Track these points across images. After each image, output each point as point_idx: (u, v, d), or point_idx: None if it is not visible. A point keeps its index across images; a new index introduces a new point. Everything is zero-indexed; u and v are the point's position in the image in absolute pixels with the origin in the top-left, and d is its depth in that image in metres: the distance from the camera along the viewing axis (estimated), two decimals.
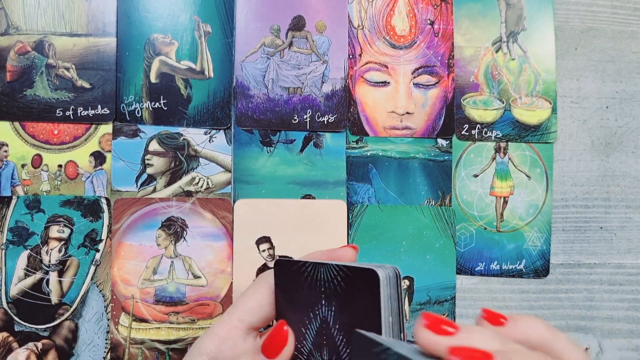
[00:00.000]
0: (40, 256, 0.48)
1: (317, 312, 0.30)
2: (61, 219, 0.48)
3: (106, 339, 0.48)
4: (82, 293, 0.48)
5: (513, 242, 0.52)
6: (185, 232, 0.49)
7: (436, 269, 0.51)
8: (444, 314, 0.51)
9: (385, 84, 0.52)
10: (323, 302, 0.30)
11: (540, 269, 0.52)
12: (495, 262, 0.52)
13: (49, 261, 0.48)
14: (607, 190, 0.54)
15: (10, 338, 0.47)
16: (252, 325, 0.32)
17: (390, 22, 0.52)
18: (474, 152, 0.53)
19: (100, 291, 0.48)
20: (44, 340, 0.48)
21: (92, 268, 0.48)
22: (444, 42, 0.52)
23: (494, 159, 0.53)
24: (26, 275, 0.48)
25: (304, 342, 0.31)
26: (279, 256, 0.33)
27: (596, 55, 0.54)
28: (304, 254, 0.36)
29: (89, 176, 0.49)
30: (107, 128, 0.49)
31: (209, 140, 0.50)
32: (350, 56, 0.51)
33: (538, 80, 0.53)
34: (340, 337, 0.29)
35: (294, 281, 0.31)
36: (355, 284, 0.28)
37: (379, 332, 0.27)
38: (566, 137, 0.54)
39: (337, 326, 0.29)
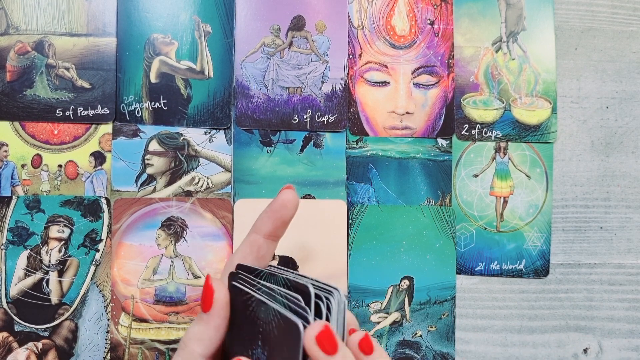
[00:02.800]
0: (40, 256, 0.48)
1: (254, 352, 0.29)
2: (61, 219, 0.48)
3: (106, 339, 0.48)
4: (82, 293, 0.48)
5: (513, 242, 0.52)
6: (185, 232, 0.49)
7: (436, 269, 0.51)
8: (443, 314, 0.51)
9: (385, 83, 0.52)
10: (259, 343, 0.29)
11: (540, 269, 0.52)
12: (495, 262, 0.52)
13: (49, 261, 0.48)
14: (607, 190, 0.54)
15: (10, 338, 0.47)
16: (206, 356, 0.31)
17: (390, 22, 0.52)
18: (474, 152, 0.53)
19: (100, 291, 0.48)
20: (44, 340, 0.48)
21: (92, 268, 0.48)
22: (444, 42, 0.52)
23: (494, 159, 0.53)
24: (26, 275, 0.48)
25: None
26: (237, 268, 0.33)
27: (596, 55, 0.54)
28: (304, 254, 0.36)
29: (89, 176, 0.49)
30: (107, 128, 0.49)
31: (209, 140, 0.50)
32: (350, 56, 0.51)
33: (538, 80, 0.53)
34: None
35: (241, 311, 0.30)
36: (283, 333, 0.27)
37: None
38: (566, 137, 0.54)
39: None
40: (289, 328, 0.26)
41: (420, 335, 0.51)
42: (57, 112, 0.48)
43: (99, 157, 0.49)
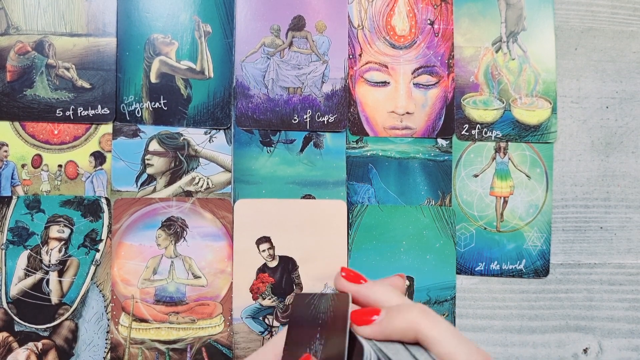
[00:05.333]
0: (40, 256, 0.48)
1: (312, 347, 0.29)
2: (61, 219, 0.48)
3: (106, 339, 0.48)
4: (82, 293, 0.48)
5: (513, 242, 0.52)
6: (185, 232, 0.49)
7: (436, 269, 0.51)
8: (443, 314, 0.51)
9: (385, 84, 0.52)
10: (317, 336, 0.29)
11: (540, 269, 0.52)
12: (495, 262, 0.52)
13: (49, 261, 0.48)
14: (607, 190, 0.54)
15: (10, 338, 0.47)
16: None
17: (390, 22, 0.52)
18: (474, 152, 0.53)
19: (100, 291, 0.48)
20: (44, 340, 0.48)
21: (92, 268, 0.48)
22: (444, 42, 0.52)
23: (494, 159, 0.53)
24: (26, 275, 0.48)
25: None
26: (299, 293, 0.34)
27: (596, 55, 0.54)
28: (304, 254, 0.36)
29: (89, 176, 0.49)
30: (107, 128, 0.49)
31: (209, 140, 0.50)
32: (350, 56, 0.51)
33: (538, 80, 0.53)
34: None
35: (304, 315, 0.31)
36: (337, 308, 0.29)
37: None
38: (566, 137, 0.54)
39: (317, 355, 0.29)
40: (340, 299, 0.29)
41: None
42: (57, 112, 0.48)
43: (99, 157, 0.49)
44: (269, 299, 0.49)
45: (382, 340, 0.28)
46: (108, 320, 0.48)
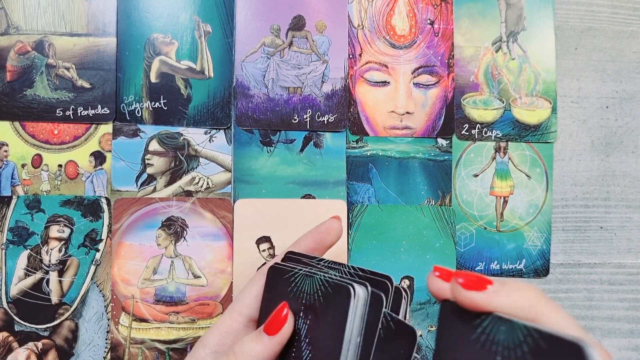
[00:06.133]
0: (40, 256, 0.48)
1: (296, 323, 0.30)
2: (61, 219, 0.48)
3: (106, 339, 0.48)
4: (82, 293, 0.48)
5: (513, 242, 0.52)
6: (185, 232, 0.49)
7: None
8: None
9: (385, 83, 0.52)
10: (301, 315, 0.30)
11: (540, 269, 0.52)
12: (495, 262, 0.52)
13: (49, 261, 0.48)
14: (607, 190, 0.54)
15: (10, 338, 0.47)
16: (251, 318, 0.34)
17: (390, 22, 0.52)
18: (474, 151, 0.53)
19: (100, 291, 0.48)
20: (44, 340, 0.48)
21: (92, 268, 0.48)
22: (444, 41, 0.52)
23: (494, 158, 0.53)
24: (26, 275, 0.48)
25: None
26: (277, 263, 0.34)
27: (596, 55, 0.54)
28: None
29: (89, 176, 0.49)
30: (107, 128, 0.49)
31: (209, 140, 0.50)
32: (350, 56, 0.51)
33: (538, 80, 0.53)
34: (307, 352, 0.29)
35: (281, 290, 0.32)
36: (331, 299, 0.28)
37: (339, 349, 0.26)
38: (566, 137, 0.54)
39: (307, 340, 0.29)
40: (336, 291, 0.28)
41: (421, 335, 0.51)
42: (57, 112, 0.48)
43: (99, 157, 0.49)
44: None
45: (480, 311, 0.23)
46: (108, 320, 0.48)
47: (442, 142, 0.52)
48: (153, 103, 0.49)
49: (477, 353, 0.23)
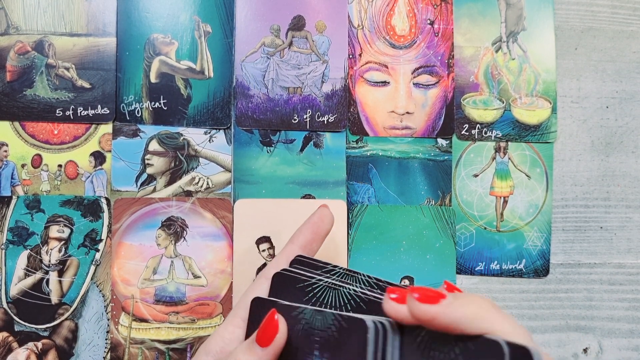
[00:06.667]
0: (40, 256, 0.48)
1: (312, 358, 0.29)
2: (61, 219, 0.48)
3: (106, 339, 0.48)
4: (82, 293, 0.48)
5: (513, 242, 0.52)
6: (185, 232, 0.49)
7: (436, 268, 0.51)
8: None
9: (385, 83, 0.52)
10: (316, 353, 0.28)
11: (540, 269, 0.52)
12: (495, 262, 0.52)
13: (49, 261, 0.48)
14: (607, 190, 0.54)
15: (10, 338, 0.47)
16: None
17: (390, 22, 0.52)
18: (474, 152, 0.53)
19: (100, 291, 0.48)
20: (44, 340, 0.48)
21: (92, 268, 0.48)
22: (444, 42, 0.52)
23: (494, 158, 0.53)
24: (26, 275, 0.48)
25: None
26: (284, 269, 0.33)
27: (596, 55, 0.54)
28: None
29: (89, 176, 0.49)
30: (107, 128, 0.49)
31: (209, 140, 0.50)
32: (350, 56, 0.51)
33: (538, 80, 0.53)
34: None
35: (290, 327, 0.30)
36: (346, 334, 0.27)
37: None
38: (566, 137, 0.54)
39: None
40: (353, 326, 0.27)
41: None
42: (57, 112, 0.48)
43: (99, 157, 0.49)
44: None
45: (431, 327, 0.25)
46: (108, 320, 0.48)
47: (442, 142, 0.52)
48: (153, 103, 0.49)
49: (302, 338, 0.28)
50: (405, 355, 0.26)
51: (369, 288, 0.30)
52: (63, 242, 0.48)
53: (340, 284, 0.30)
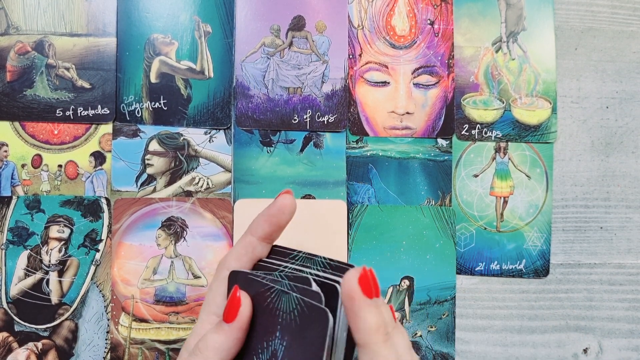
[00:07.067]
0: (40, 256, 0.48)
1: (270, 344, 0.29)
2: (61, 219, 0.48)
3: (106, 339, 0.48)
4: (82, 293, 0.48)
5: (513, 242, 0.52)
6: (185, 232, 0.49)
7: (436, 269, 0.51)
8: (443, 314, 0.51)
9: (385, 84, 0.52)
10: (277, 335, 0.29)
11: (540, 269, 0.52)
12: (495, 262, 0.52)
13: (49, 261, 0.48)
14: (607, 190, 0.54)
15: (10, 338, 0.47)
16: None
17: (390, 22, 0.52)
18: (474, 152, 0.53)
19: (100, 291, 0.48)
20: (44, 340, 0.48)
21: (92, 268, 0.48)
22: (444, 42, 0.52)
23: (494, 159, 0.53)
24: (26, 275, 0.48)
25: None
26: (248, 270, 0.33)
27: (596, 55, 0.54)
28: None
29: (89, 176, 0.49)
30: (107, 128, 0.49)
31: (209, 140, 0.50)
32: (350, 56, 0.51)
33: (538, 80, 0.53)
34: None
35: (258, 303, 0.30)
36: (308, 320, 0.27)
37: None
38: (566, 137, 0.54)
39: None
40: (314, 314, 0.27)
41: (421, 335, 0.51)
42: (57, 112, 0.48)
43: (99, 157, 0.49)
44: None
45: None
46: (108, 320, 0.48)
47: (442, 142, 0.52)
48: (153, 103, 0.49)
49: (267, 317, 0.30)
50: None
51: (323, 269, 0.30)
52: (63, 242, 0.48)
53: (300, 268, 0.30)
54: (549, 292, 0.53)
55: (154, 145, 0.50)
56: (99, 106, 0.49)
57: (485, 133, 0.52)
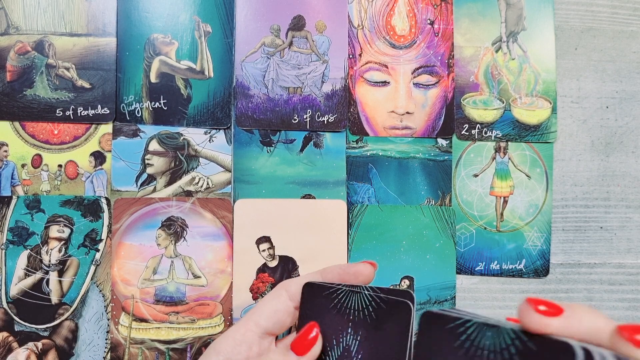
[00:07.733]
0: (40, 256, 0.48)
1: (341, 340, 0.31)
2: (61, 219, 0.48)
3: (106, 339, 0.48)
4: (82, 293, 0.48)
5: (513, 242, 0.52)
6: (185, 232, 0.49)
7: (436, 268, 0.51)
8: None
9: (385, 83, 0.52)
10: (349, 330, 0.31)
11: (540, 269, 0.52)
12: (495, 262, 0.52)
13: (49, 261, 0.48)
14: (607, 190, 0.54)
15: (10, 338, 0.47)
16: (267, 330, 0.34)
17: (390, 22, 0.52)
18: (474, 151, 0.53)
19: (100, 291, 0.48)
20: (44, 340, 0.48)
21: (92, 268, 0.48)
22: (444, 42, 0.52)
23: (494, 158, 0.53)
24: (26, 275, 0.48)
25: None
26: (312, 281, 0.34)
27: (596, 55, 0.54)
28: (304, 254, 0.37)
29: (89, 176, 0.49)
30: (107, 128, 0.49)
31: (209, 140, 0.50)
32: (350, 56, 0.51)
33: (538, 80, 0.53)
34: None
35: (322, 306, 0.32)
36: (387, 315, 0.29)
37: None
38: (566, 137, 0.54)
39: (359, 356, 0.30)
40: (394, 308, 0.29)
41: None
42: (57, 112, 0.48)
43: (99, 157, 0.49)
44: None
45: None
46: (108, 320, 0.48)
47: (442, 142, 0.52)
48: (153, 103, 0.49)
49: (335, 316, 0.31)
50: (443, 353, 0.25)
51: (379, 294, 0.32)
52: (63, 242, 0.48)
53: (359, 290, 0.32)
54: (549, 292, 0.53)
55: (154, 145, 0.50)
56: (99, 106, 0.49)
57: (485, 133, 0.52)
